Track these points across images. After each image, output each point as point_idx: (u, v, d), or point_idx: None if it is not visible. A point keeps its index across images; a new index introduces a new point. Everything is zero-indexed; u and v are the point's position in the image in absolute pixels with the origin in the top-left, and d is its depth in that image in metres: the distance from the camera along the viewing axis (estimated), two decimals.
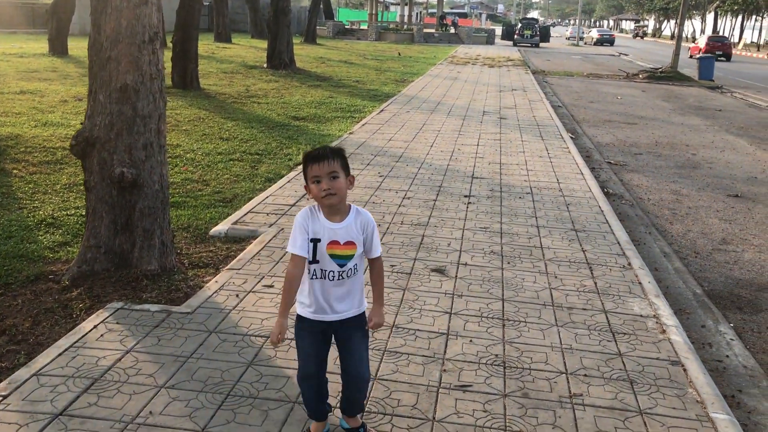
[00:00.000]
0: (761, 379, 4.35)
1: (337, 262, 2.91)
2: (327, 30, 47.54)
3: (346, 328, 3.01)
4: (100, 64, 4.80)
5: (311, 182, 2.86)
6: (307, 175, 2.87)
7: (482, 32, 55.03)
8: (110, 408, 3.35)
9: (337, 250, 2.90)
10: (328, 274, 2.91)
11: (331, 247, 2.89)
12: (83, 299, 4.60)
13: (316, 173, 2.83)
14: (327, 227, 2.89)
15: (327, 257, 2.89)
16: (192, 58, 15.62)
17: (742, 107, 19.94)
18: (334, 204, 2.88)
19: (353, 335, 3.03)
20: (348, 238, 2.91)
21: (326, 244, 2.89)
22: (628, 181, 9.75)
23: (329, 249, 2.89)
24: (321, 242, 2.89)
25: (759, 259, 6.67)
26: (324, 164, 2.83)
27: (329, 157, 2.84)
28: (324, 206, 2.89)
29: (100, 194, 4.92)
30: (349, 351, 3.04)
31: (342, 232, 2.91)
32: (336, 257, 2.90)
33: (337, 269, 2.91)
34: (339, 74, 21.77)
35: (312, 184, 2.86)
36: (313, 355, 3.02)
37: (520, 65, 30.06)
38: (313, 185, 2.86)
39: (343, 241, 2.90)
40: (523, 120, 13.82)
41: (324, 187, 2.83)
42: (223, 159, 9.04)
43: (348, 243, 2.91)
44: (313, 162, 2.84)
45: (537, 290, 5.09)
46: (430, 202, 7.36)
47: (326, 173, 2.83)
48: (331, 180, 2.83)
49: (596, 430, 3.38)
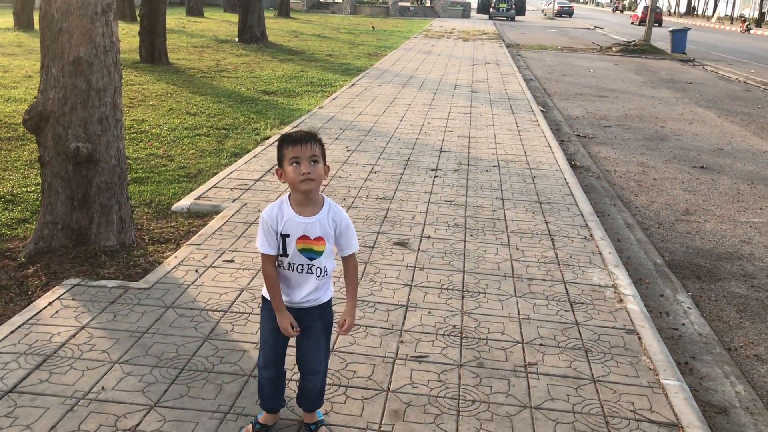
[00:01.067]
0: (715, 346, 4.43)
1: (306, 256, 2.80)
2: (301, 3, 47.00)
3: (308, 316, 2.91)
4: (51, 36, 4.69)
5: (288, 164, 2.68)
6: (284, 156, 2.70)
7: (458, 6, 54.71)
8: (62, 384, 3.32)
9: (307, 244, 2.79)
10: (296, 267, 2.81)
11: (301, 241, 2.78)
12: (39, 276, 4.54)
13: (296, 154, 2.67)
14: (297, 221, 2.76)
15: (296, 252, 2.79)
16: (160, 32, 15.36)
17: (712, 80, 20.09)
18: (310, 190, 2.73)
19: (313, 324, 2.93)
20: (318, 234, 2.79)
21: (296, 238, 2.77)
22: (596, 153, 9.80)
23: (299, 243, 2.78)
24: (290, 237, 2.77)
25: (720, 229, 6.76)
26: (306, 147, 2.68)
27: (311, 141, 2.70)
28: (299, 192, 2.73)
29: (55, 170, 4.84)
30: (308, 339, 2.94)
31: (312, 227, 2.77)
32: (305, 251, 2.79)
33: (306, 262, 2.81)
34: (311, 48, 21.56)
35: (289, 165, 2.68)
36: (270, 342, 2.92)
37: (494, 39, 29.97)
38: (290, 167, 2.68)
39: (314, 236, 2.78)
40: (494, 93, 13.81)
41: (303, 170, 2.67)
42: (190, 134, 8.94)
43: (318, 239, 2.79)
44: (294, 144, 2.68)
45: (498, 262, 5.11)
46: (396, 176, 7.34)
47: (307, 156, 2.67)
48: (311, 164, 2.68)
49: (549, 398, 3.42)
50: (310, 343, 2.95)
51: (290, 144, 2.70)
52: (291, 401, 3.22)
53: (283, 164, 2.73)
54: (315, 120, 10.17)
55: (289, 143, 2.70)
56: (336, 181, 7.00)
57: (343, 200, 6.37)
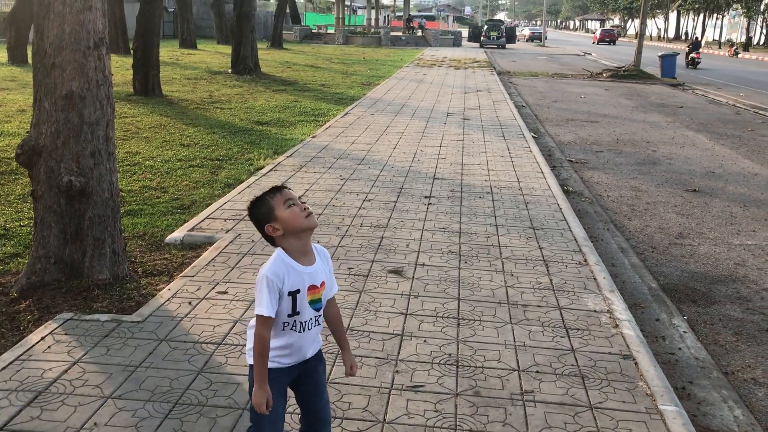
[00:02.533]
0: (712, 370, 4.41)
1: (314, 308, 2.65)
2: (294, 34, 47.40)
3: (310, 362, 2.74)
4: (44, 71, 4.71)
5: (285, 208, 2.56)
6: (274, 206, 2.57)
7: (449, 34, 55.25)
8: (53, 421, 3.28)
9: (316, 294, 2.64)
10: (307, 325, 2.63)
11: (310, 293, 2.62)
12: (32, 311, 4.51)
13: (288, 197, 2.58)
14: (303, 273, 2.59)
15: (307, 306, 2.62)
16: (153, 64, 15.45)
17: (702, 104, 20.27)
18: (314, 225, 2.62)
19: (317, 368, 2.77)
20: (322, 278, 2.66)
21: (306, 291, 2.60)
22: (589, 178, 9.85)
23: (309, 295, 2.61)
24: (300, 292, 2.59)
25: (714, 252, 6.77)
26: (289, 191, 2.61)
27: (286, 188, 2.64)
28: (304, 232, 2.59)
29: (48, 203, 4.83)
30: (314, 384, 2.77)
31: (316, 274, 2.63)
32: (314, 303, 2.64)
33: (315, 314, 2.66)
34: (304, 78, 21.71)
35: (286, 210, 2.55)
36: (282, 416, 2.71)
37: (485, 66, 30.25)
38: (287, 211, 2.55)
39: (320, 282, 2.65)
40: (486, 121, 13.90)
41: (303, 206, 2.58)
42: (183, 165, 8.95)
43: (323, 283, 2.66)
44: (280, 191, 2.60)
45: (493, 288, 5.10)
46: (390, 203, 7.35)
47: (296, 197, 2.62)
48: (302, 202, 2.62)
49: (546, 426, 3.40)
50: (320, 392, 2.79)
51: (276, 194, 2.59)
52: None
53: (274, 215, 2.57)
54: (308, 149, 10.20)
55: (274, 194, 2.60)
56: (330, 210, 7.01)
57: (337, 228, 6.37)
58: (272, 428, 2.66)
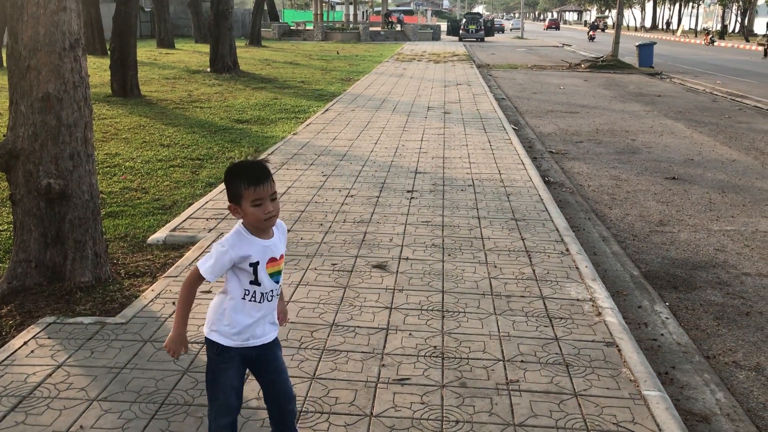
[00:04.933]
0: (694, 355, 4.46)
1: (274, 280, 2.74)
2: (272, 32, 47.18)
3: (269, 348, 2.82)
4: (19, 73, 4.67)
5: (251, 206, 2.60)
6: (243, 196, 2.60)
7: (428, 29, 55.25)
8: (39, 425, 3.26)
9: (275, 266, 2.74)
10: (267, 296, 2.74)
11: (270, 265, 2.71)
12: (14, 315, 4.48)
13: (259, 196, 2.60)
14: (261, 246, 2.68)
15: (267, 278, 2.71)
16: (131, 65, 15.33)
17: (680, 92, 20.45)
18: (269, 226, 2.70)
19: (277, 353, 2.85)
20: (281, 251, 2.76)
21: (265, 263, 2.70)
22: (569, 169, 9.91)
23: (269, 267, 2.71)
24: (260, 264, 2.69)
25: (694, 238, 6.84)
26: (267, 187, 2.61)
27: (269, 178, 2.63)
28: (261, 228, 2.68)
29: (27, 207, 4.79)
30: (277, 371, 2.85)
31: (275, 247, 2.73)
32: (274, 275, 2.74)
33: (275, 287, 2.76)
34: (284, 75, 21.64)
35: (251, 207, 2.60)
36: (237, 388, 2.78)
37: (465, 60, 30.30)
38: (252, 208, 2.60)
39: (279, 255, 2.75)
40: (466, 114, 13.94)
41: (269, 210, 2.62)
42: (163, 166, 8.90)
43: (281, 256, 2.76)
44: (255, 185, 2.59)
45: (476, 280, 5.13)
46: (373, 199, 7.36)
47: (268, 195, 2.62)
48: (272, 201, 2.64)
49: (532, 414, 3.43)
50: (280, 373, 2.86)
51: (251, 185, 2.60)
52: None
53: (241, 202, 2.62)
54: (290, 146, 10.18)
55: (250, 184, 2.60)
56: (312, 206, 7.00)
57: (320, 225, 6.37)
58: (226, 401, 2.75)
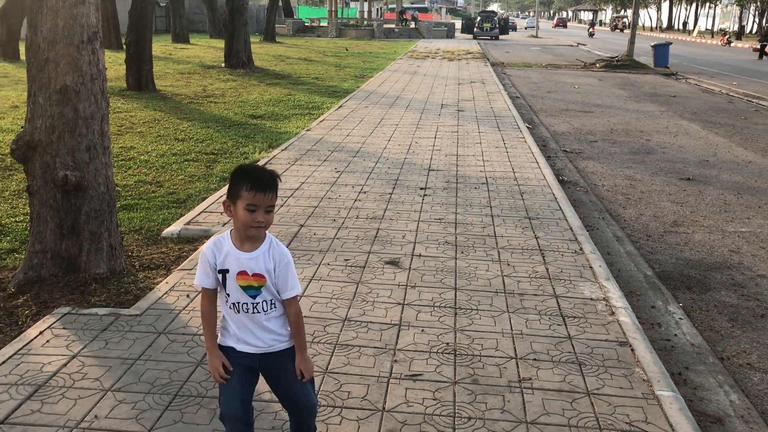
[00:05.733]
0: (707, 356, 4.44)
1: (248, 293, 2.67)
2: (286, 28, 47.26)
3: (275, 359, 2.75)
4: (38, 65, 4.70)
5: (244, 209, 2.57)
6: (240, 197, 2.57)
7: (442, 26, 55.17)
8: (54, 414, 3.29)
9: (246, 281, 2.66)
10: (242, 306, 2.68)
11: (240, 277, 2.66)
12: (29, 306, 4.52)
13: (255, 202, 2.56)
14: (235, 256, 2.65)
15: (237, 288, 2.66)
16: (146, 59, 15.40)
17: (696, 93, 20.31)
18: (258, 237, 2.66)
19: (284, 363, 2.75)
20: (257, 270, 2.65)
21: (235, 274, 2.65)
22: (583, 168, 9.87)
23: (239, 279, 2.66)
24: (229, 273, 2.65)
25: (708, 239, 6.80)
26: (267, 196, 2.58)
27: (273, 190, 2.60)
28: (246, 236, 2.64)
29: (43, 198, 4.83)
30: (285, 380, 2.78)
31: (251, 262, 2.65)
32: (246, 288, 2.66)
33: (250, 300, 2.67)
34: (298, 72, 21.67)
35: (243, 210, 2.57)
36: (238, 391, 2.72)
37: (479, 58, 30.23)
38: (243, 211, 2.57)
39: (252, 272, 2.65)
40: (480, 112, 13.91)
41: (258, 219, 2.58)
42: (178, 160, 8.94)
43: (256, 275, 2.65)
44: (256, 191, 2.56)
45: (489, 278, 5.13)
46: (386, 195, 7.36)
47: (264, 206, 2.59)
48: (266, 213, 2.60)
49: (544, 412, 3.42)
50: (289, 383, 2.78)
51: (253, 190, 2.56)
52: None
53: (235, 201, 2.59)
54: (303, 142, 10.20)
55: (252, 188, 2.56)
56: (326, 202, 7.02)
57: (333, 221, 6.38)
58: (226, 403, 2.73)
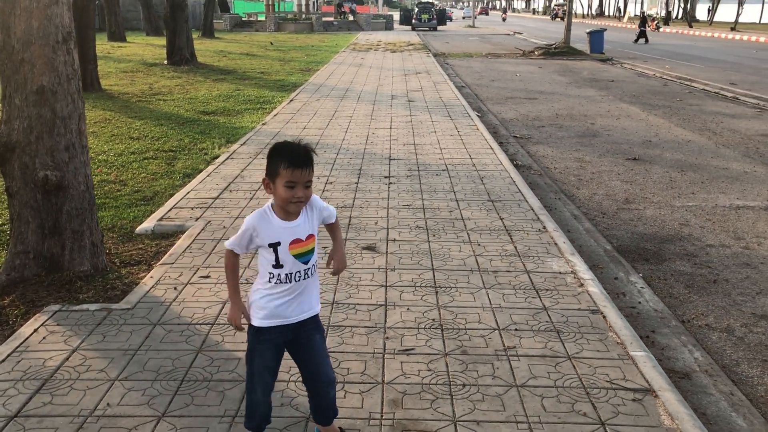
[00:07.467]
0: (670, 320, 4.79)
1: (302, 261, 2.77)
2: (224, 23, 46.73)
3: (306, 329, 2.88)
4: (12, 67, 4.71)
5: (283, 185, 2.64)
6: (279, 175, 2.64)
7: (381, 18, 55.41)
8: (66, 405, 3.39)
9: (301, 247, 2.75)
10: (294, 276, 2.76)
11: (293, 246, 2.74)
12: (17, 305, 4.55)
13: (294, 179, 2.63)
14: (284, 227, 2.73)
15: (291, 259, 2.74)
16: (90, 59, 15.15)
17: (632, 77, 21.07)
18: (293, 212, 2.74)
19: (313, 336, 2.89)
20: (308, 231, 2.78)
21: (288, 245, 2.73)
22: (535, 152, 10.24)
23: (292, 249, 2.73)
24: (282, 245, 2.73)
25: (659, 214, 7.22)
26: (305, 172, 2.65)
27: (310, 165, 2.66)
28: (286, 211, 2.74)
29: (24, 199, 4.85)
30: (312, 352, 2.90)
31: (300, 228, 2.76)
32: (300, 256, 2.76)
33: (303, 268, 2.78)
34: (242, 67, 21.57)
35: (283, 187, 2.65)
36: (271, 368, 2.86)
37: (420, 49, 30.57)
38: (283, 188, 2.65)
39: (305, 236, 2.77)
40: (430, 101, 14.19)
41: (298, 194, 2.66)
42: (137, 158, 8.93)
43: (309, 236, 2.78)
44: (294, 167, 2.62)
45: (463, 258, 5.38)
46: (352, 185, 7.55)
47: (303, 182, 2.66)
48: (305, 188, 2.67)
49: (531, 376, 3.69)
50: (317, 355, 2.91)
51: (290, 167, 2.63)
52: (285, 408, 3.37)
53: (274, 179, 2.67)
54: (261, 136, 10.28)
55: (289, 165, 2.63)
56: None
57: None
58: (259, 378, 2.85)
